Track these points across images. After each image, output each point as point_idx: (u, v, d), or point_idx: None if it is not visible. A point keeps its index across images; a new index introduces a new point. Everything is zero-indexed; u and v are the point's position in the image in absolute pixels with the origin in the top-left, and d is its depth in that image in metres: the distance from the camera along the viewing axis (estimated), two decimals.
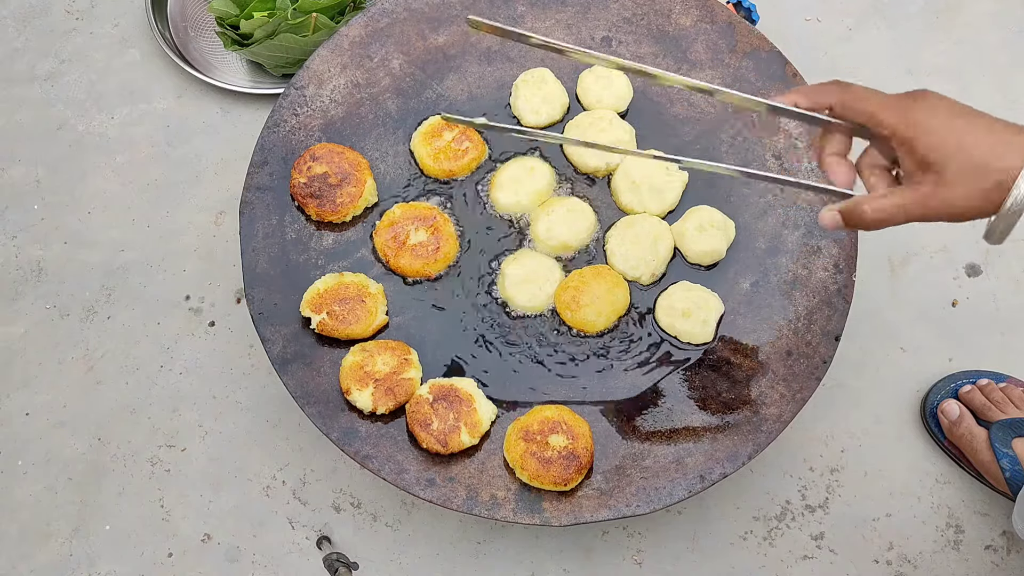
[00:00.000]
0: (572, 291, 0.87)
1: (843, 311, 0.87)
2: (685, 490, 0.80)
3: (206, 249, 1.12)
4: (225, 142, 1.18)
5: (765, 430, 0.82)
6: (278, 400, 1.03)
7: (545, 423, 0.81)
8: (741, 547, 0.96)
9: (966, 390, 0.97)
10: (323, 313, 0.85)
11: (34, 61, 1.24)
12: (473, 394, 0.84)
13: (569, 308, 0.87)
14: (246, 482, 1.01)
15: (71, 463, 1.02)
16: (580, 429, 0.81)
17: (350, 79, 0.98)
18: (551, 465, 0.79)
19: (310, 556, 0.97)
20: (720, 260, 0.90)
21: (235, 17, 1.15)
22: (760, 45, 0.97)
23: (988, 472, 0.93)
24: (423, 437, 0.81)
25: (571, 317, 0.88)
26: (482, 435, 0.83)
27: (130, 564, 0.98)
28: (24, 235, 1.14)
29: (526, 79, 0.97)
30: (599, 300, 0.87)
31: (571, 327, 0.88)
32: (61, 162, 1.18)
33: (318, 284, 0.87)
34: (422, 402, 0.83)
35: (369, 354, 0.85)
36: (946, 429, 0.96)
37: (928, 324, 1.06)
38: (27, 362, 1.07)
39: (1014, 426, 0.91)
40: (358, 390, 0.83)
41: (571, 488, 0.80)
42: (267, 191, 0.93)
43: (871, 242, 1.09)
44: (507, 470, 0.82)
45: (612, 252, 0.90)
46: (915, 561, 0.96)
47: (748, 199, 0.93)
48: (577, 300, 0.87)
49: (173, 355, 1.07)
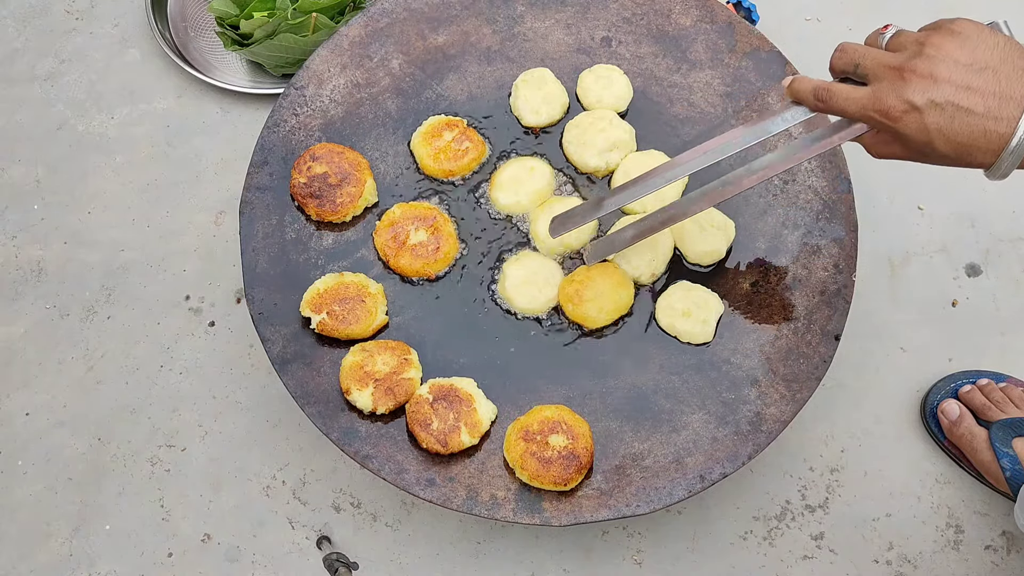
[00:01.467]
0: (576, 285, 0.88)
1: (843, 311, 0.87)
2: (685, 490, 0.80)
3: (206, 249, 1.12)
4: (225, 142, 1.18)
5: (765, 430, 0.82)
6: (278, 400, 1.03)
7: (545, 423, 0.81)
8: (741, 547, 0.96)
9: (966, 390, 0.97)
10: (323, 313, 0.85)
11: (34, 61, 1.24)
12: (473, 394, 0.84)
13: (571, 301, 0.87)
14: (246, 482, 1.01)
15: (71, 463, 1.02)
16: (580, 429, 0.81)
17: (350, 79, 0.98)
18: (551, 465, 0.79)
19: (310, 556, 0.97)
20: (720, 260, 0.90)
21: (235, 17, 1.15)
22: (760, 45, 0.97)
23: (988, 472, 0.93)
24: (423, 437, 0.81)
25: (572, 311, 0.88)
26: (482, 435, 0.83)
27: (130, 564, 0.98)
28: (24, 235, 1.14)
29: (526, 79, 0.97)
30: (602, 296, 0.87)
31: (571, 321, 0.88)
32: (61, 162, 1.18)
33: (318, 284, 0.87)
34: (422, 402, 0.83)
35: (369, 354, 0.85)
36: (946, 429, 0.96)
37: (928, 324, 1.06)
38: (27, 362, 1.07)
39: (1014, 426, 0.91)
40: (358, 390, 0.83)
41: (571, 488, 0.80)
42: (267, 191, 0.93)
43: (871, 242, 1.09)
44: (507, 470, 0.82)
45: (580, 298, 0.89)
46: (915, 561, 0.96)
47: (748, 199, 0.93)
48: (580, 294, 0.87)
49: (173, 355, 1.07)
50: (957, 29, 0.59)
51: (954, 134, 0.58)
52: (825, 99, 0.64)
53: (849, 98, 0.63)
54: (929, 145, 0.60)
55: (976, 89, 0.57)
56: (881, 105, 0.60)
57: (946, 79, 0.58)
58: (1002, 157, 0.58)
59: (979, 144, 0.58)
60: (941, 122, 0.58)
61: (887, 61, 0.61)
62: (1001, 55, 0.58)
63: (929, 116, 0.58)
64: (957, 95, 0.58)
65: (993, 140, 0.58)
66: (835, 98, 0.64)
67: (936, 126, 0.59)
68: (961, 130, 0.58)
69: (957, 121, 0.58)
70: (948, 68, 0.58)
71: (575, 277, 0.88)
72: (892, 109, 0.60)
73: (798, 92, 0.67)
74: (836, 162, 0.92)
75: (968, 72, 0.58)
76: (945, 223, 1.12)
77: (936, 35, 0.60)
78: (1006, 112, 0.57)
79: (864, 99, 0.62)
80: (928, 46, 0.59)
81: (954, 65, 0.58)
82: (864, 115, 0.62)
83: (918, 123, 0.59)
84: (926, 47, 0.59)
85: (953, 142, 0.59)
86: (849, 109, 0.63)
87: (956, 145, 0.59)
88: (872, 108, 0.61)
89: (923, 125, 0.59)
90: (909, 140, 0.61)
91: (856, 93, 0.62)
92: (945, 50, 0.59)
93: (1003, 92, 0.57)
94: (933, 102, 0.58)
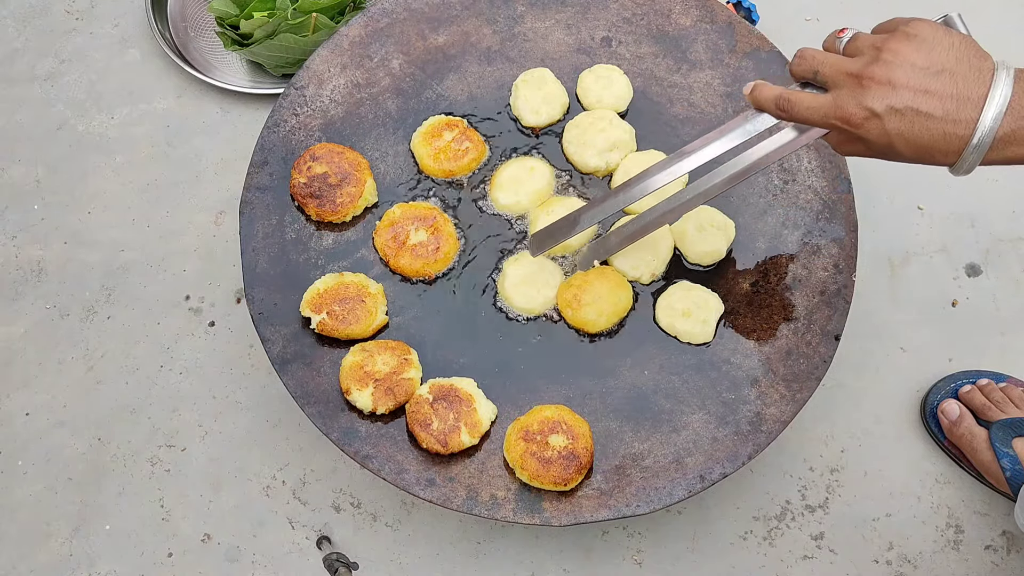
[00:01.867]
0: (575, 290, 0.88)
1: (843, 311, 0.87)
2: (685, 490, 0.80)
3: (206, 249, 1.12)
4: (225, 142, 1.18)
5: (765, 430, 0.82)
6: (278, 400, 1.03)
7: (545, 423, 0.81)
8: (741, 547, 0.96)
9: (966, 390, 0.97)
10: (323, 313, 0.85)
11: (34, 61, 1.24)
12: (473, 394, 0.84)
13: (570, 306, 0.87)
14: (246, 482, 1.01)
15: (71, 463, 1.02)
16: (580, 429, 0.81)
17: (350, 79, 0.98)
18: (551, 465, 0.79)
19: (310, 556, 0.97)
20: (720, 260, 0.90)
21: (235, 17, 1.15)
22: (760, 45, 0.97)
23: (988, 472, 0.93)
24: (423, 437, 0.81)
25: (571, 315, 0.88)
26: (482, 435, 0.83)
27: (130, 564, 0.98)
28: (24, 235, 1.14)
29: (526, 79, 0.97)
30: (601, 300, 0.87)
31: (571, 326, 0.88)
32: (61, 162, 1.18)
33: (318, 284, 0.87)
34: (422, 402, 0.83)
35: (369, 354, 0.85)
36: (946, 429, 0.96)
37: (928, 324, 1.06)
38: (27, 362, 1.07)
39: (1014, 426, 0.91)
40: (358, 390, 0.83)
41: (571, 488, 0.80)
42: (267, 191, 0.93)
43: (871, 242, 1.09)
44: (507, 470, 0.82)
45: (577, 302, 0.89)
46: (915, 561, 0.96)
47: (748, 199, 0.93)
48: (579, 299, 0.87)
49: (173, 355, 1.07)
50: (913, 32, 0.59)
51: (915, 137, 0.59)
52: (787, 108, 0.65)
53: (810, 107, 0.63)
54: (891, 147, 0.61)
55: (934, 92, 0.58)
56: (842, 113, 0.61)
57: (904, 84, 0.58)
58: (964, 156, 0.58)
59: (939, 146, 0.59)
60: (902, 127, 0.59)
61: (846, 68, 0.61)
62: (957, 55, 0.58)
63: (889, 122, 0.59)
64: (916, 100, 0.58)
65: (953, 142, 0.58)
66: (796, 107, 0.64)
67: (897, 131, 0.59)
68: (921, 134, 0.59)
69: (917, 126, 0.58)
70: (906, 73, 0.58)
71: (573, 282, 0.88)
72: (853, 116, 0.60)
73: (759, 101, 0.67)
74: (836, 162, 0.92)
75: (926, 76, 0.58)
76: (945, 223, 1.12)
77: (893, 40, 0.60)
78: (964, 114, 0.57)
79: (825, 107, 0.62)
80: (885, 51, 0.59)
81: (911, 69, 0.58)
82: (826, 123, 0.63)
83: (879, 129, 0.60)
84: (883, 52, 0.59)
85: (914, 145, 0.59)
86: (811, 118, 0.63)
87: (917, 148, 0.60)
88: (833, 116, 0.61)
89: (884, 131, 0.59)
90: (871, 144, 0.61)
91: (816, 102, 0.63)
92: (902, 55, 0.59)
93: (960, 94, 0.57)
94: (892, 108, 0.58)
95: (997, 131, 0.57)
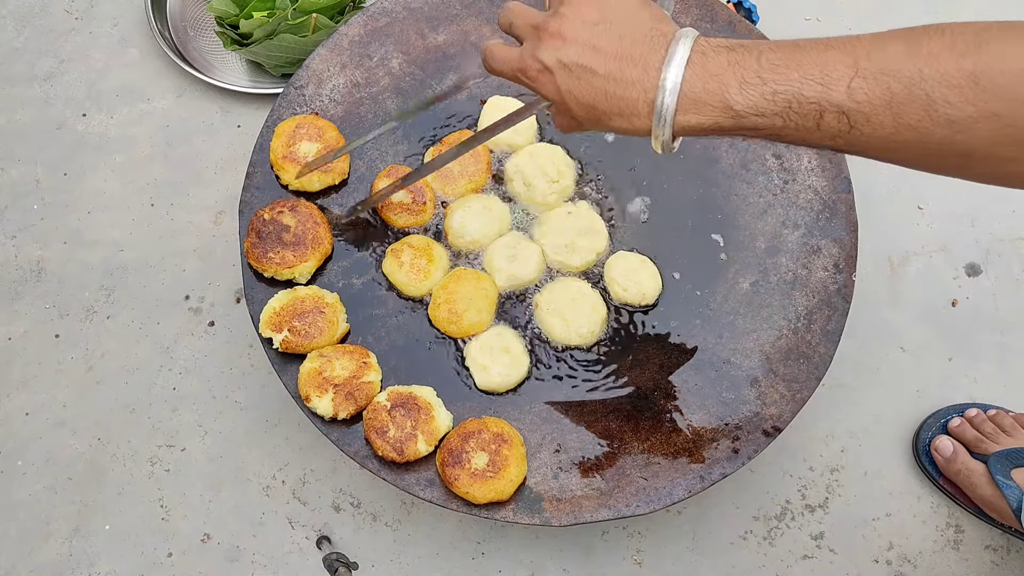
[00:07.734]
0: (444, 305, 0.87)
1: (843, 311, 0.87)
2: (685, 490, 0.80)
3: (206, 249, 1.12)
4: (225, 142, 1.18)
5: (765, 430, 0.82)
6: (278, 400, 1.03)
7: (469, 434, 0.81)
8: (741, 547, 0.96)
9: (955, 423, 0.95)
10: (284, 331, 0.84)
11: (34, 61, 1.24)
12: (432, 402, 0.83)
13: (452, 323, 0.87)
14: (246, 482, 1.01)
15: (71, 463, 1.02)
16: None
17: (349, 79, 0.98)
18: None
19: (310, 556, 0.97)
20: (660, 294, 0.90)
21: (235, 17, 1.15)
22: None
23: (990, 507, 0.90)
24: (379, 444, 0.80)
25: (458, 330, 0.87)
26: (437, 443, 0.82)
27: (130, 564, 0.98)
28: (24, 235, 1.14)
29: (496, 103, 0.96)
30: (475, 299, 0.87)
31: (459, 337, 0.88)
32: (61, 162, 1.18)
33: (272, 303, 0.85)
34: (380, 409, 0.82)
35: (327, 359, 0.83)
36: (942, 467, 0.94)
37: (928, 324, 1.06)
38: (27, 362, 1.07)
39: (1011, 456, 0.88)
40: (317, 396, 0.82)
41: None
42: (267, 191, 0.93)
43: (871, 242, 1.09)
44: None
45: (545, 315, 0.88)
46: (915, 561, 0.96)
47: (748, 199, 0.93)
48: (455, 312, 0.86)
49: (173, 355, 1.07)
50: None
51: (582, 95, 0.56)
52: (487, 61, 0.62)
53: (502, 59, 0.60)
54: (566, 107, 0.58)
55: (600, 49, 0.55)
56: (522, 64, 0.58)
57: (573, 38, 0.56)
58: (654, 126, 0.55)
59: (602, 106, 0.56)
60: (570, 83, 0.56)
61: (531, 20, 0.59)
62: (631, 14, 0.56)
63: (560, 76, 0.56)
64: (582, 55, 0.55)
65: (614, 103, 0.55)
66: (493, 60, 0.61)
67: (566, 87, 0.56)
68: (586, 91, 0.56)
69: (583, 82, 0.56)
70: (576, 27, 0.56)
71: (436, 300, 0.87)
72: (528, 69, 0.58)
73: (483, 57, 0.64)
74: (836, 162, 0.92)
75: (594, 31, 0.55)
76: (945, 223, 1.12)
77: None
78: (628, 74, 0.54)
79: (513, 60, 0.59)
80: (564, 4, 0.57)
81: (582, 24, 0.56)
82: (513, 76, 0.60)
83: (552, 84, 0.57)
84: (563, 6, 0.57)
85: (582, 104, 0.57)
86: (504, 71, 0.61)
87: (585, 107, 0.57)
88: (517, 68, 0.59)
89: (555, 86, 0.57)
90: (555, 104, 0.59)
91: (508, 54, 0.60)
92: (577, 8, 0.56)
93: (624, 53, 0.55)
94: (561, 62, 0.56)
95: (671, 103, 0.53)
